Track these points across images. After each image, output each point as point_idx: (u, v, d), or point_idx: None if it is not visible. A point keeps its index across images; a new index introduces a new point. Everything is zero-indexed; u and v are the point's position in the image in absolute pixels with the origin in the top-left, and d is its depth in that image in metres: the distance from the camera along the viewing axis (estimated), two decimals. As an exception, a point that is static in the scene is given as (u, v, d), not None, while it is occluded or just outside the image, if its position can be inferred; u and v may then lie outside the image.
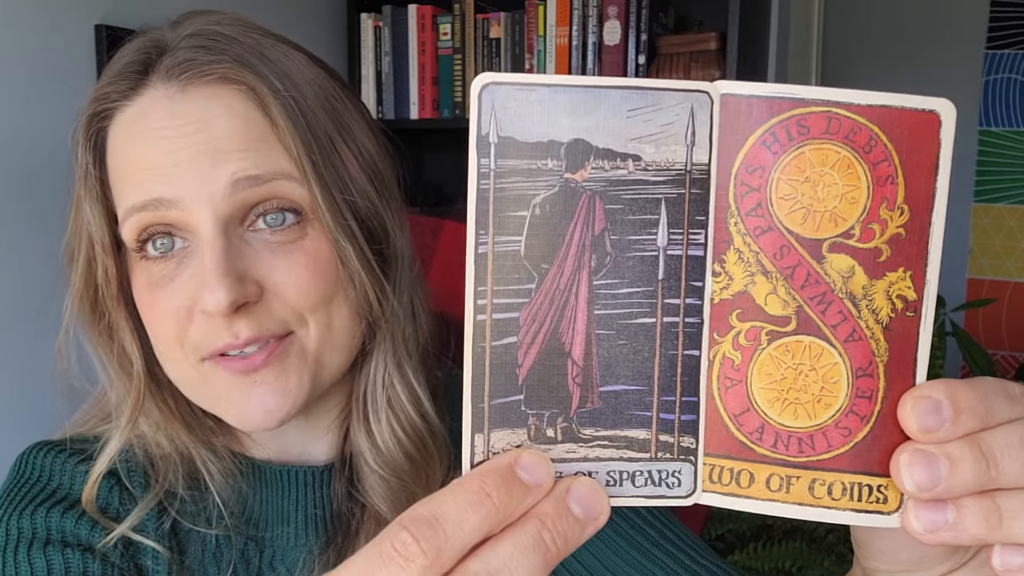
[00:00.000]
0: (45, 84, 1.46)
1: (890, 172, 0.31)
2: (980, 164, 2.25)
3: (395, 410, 0.58)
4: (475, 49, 2.00)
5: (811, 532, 1.45)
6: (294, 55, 0.55)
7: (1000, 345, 2.27)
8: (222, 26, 0.53)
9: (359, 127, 0.56)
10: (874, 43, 2.34)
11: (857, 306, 0.31)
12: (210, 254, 0.49)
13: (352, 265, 0.53)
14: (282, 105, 0.50)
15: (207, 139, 0.50)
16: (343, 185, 0.53)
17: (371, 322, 0.56)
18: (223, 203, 0.50)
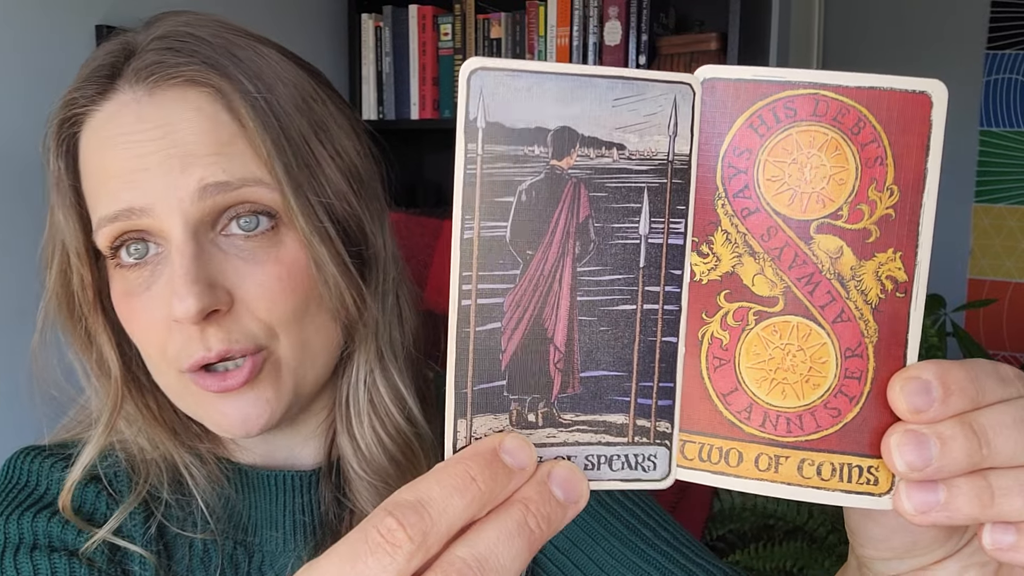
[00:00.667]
0: (45, 84, 1.46)
1: (879, 153, 0.31)
2: (981, 164, 2.25)
3: (378, 414, 0.57)
4: (476, 49, 2.01)
5: (812, 532, 1.45)
6: (268, 54, 0.53)
7: (1001, 346, 2.27)
8: (193, 27, 0.52)
9: (338, 127, 0.55)
10: (874, 43, 2.34)
11: (846, 287, 0.31)
12: (179, 260, 0.49)
13: (327, 269, 0.52)
14: (252, 106, 0.49)
15: (175, 143, 0.49)
16: (318, 187, 0.51)
17: (349, 326, 0.55)
18: (192, 208, 0.49)
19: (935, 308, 1.68)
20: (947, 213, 2.30)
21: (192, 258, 0.49)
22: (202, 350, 0.50)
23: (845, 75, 0.31)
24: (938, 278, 2.31)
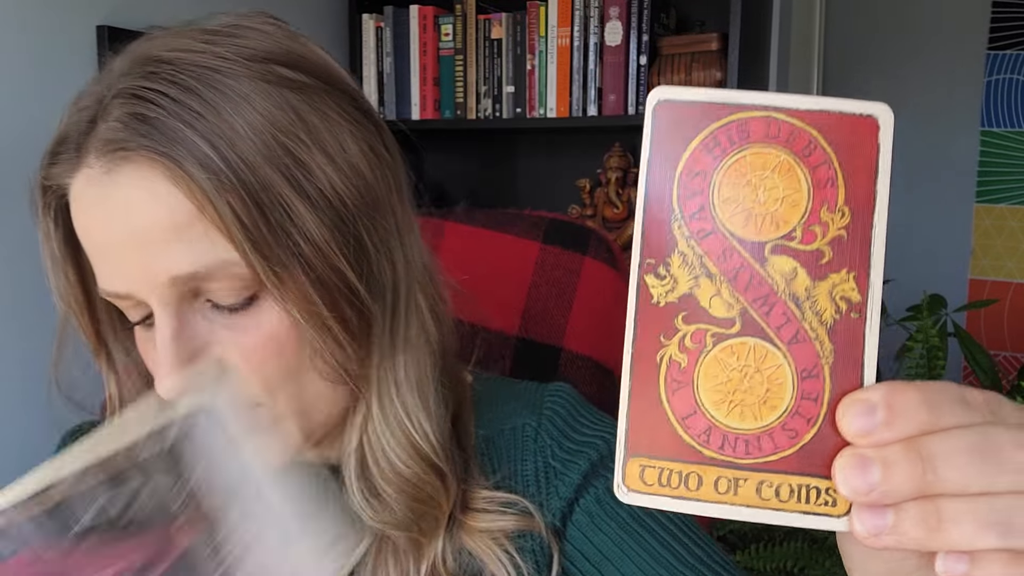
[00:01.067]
0: (47, 85, 1.46)
1: (830, 175, 0.31)
2: (982, 165, 2.25)
3: (388, 457, 0.54)
4: (476, 50, 2.01)
5: (813, 533, 1.44)
6: (241, 90, 0.47)
7: (1002, 346, 2.27)
8: (158, 75, 0.47)
9: (329, 150, 0.50)
10: (875, 43, 2.34)
11: (801, 308, 0.31)
12: (161, 342, 0.48)
13: (308, 338, 0.50)
14: (211, 183, 0.45)
15: (136, 231, 0.47)
16: (293, 246, 0.47)
17: (353, 375, 0.53)
18: (167, 293, 0.48)
19: (936, 308, 1.68)
20: (948, 213, 2.29)
21: (171, 339, 0.48)
22: None
23: (796, 97, 0.31)
24: (939, 278, 2.31)
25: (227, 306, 0.49)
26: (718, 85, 1.77)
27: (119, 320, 0.56)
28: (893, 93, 2.33)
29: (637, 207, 0.32)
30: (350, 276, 0.50)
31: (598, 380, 0.88)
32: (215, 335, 0.50)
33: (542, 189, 2.29)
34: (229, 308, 0.49)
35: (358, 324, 0.51)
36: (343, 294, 0.50)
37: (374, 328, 0.53)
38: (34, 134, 1.43)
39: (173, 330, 0.48)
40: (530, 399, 0.63)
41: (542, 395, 0.63)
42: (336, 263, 0.49)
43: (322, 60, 0.53)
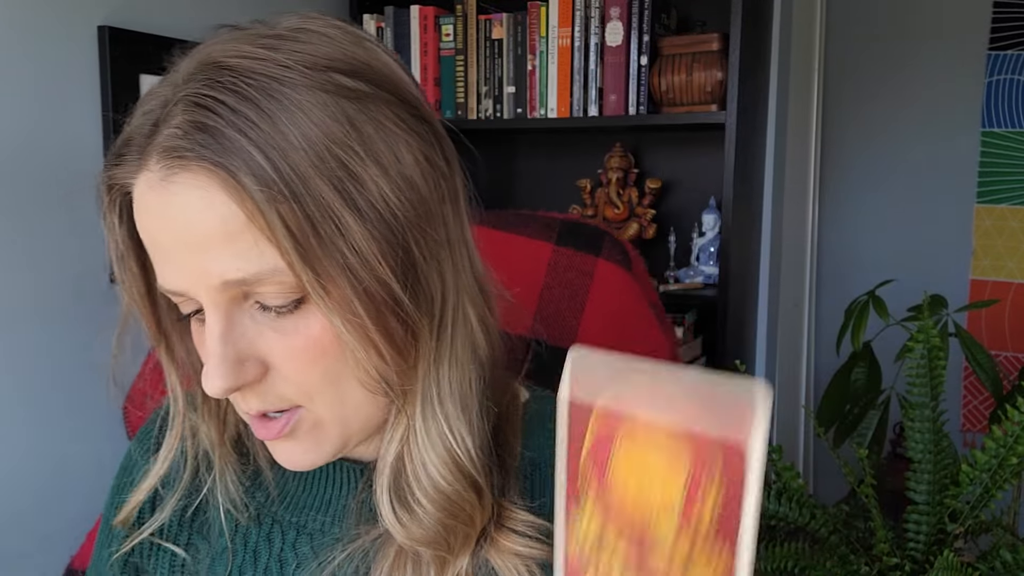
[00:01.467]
0: (48, 85, 1.46)
1: (702, 488, 0.33)
2: (983, 165, 2.24)
3: (417, 476, 0.54)
4: (477, 50, 2.01)
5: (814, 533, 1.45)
6: (299, 100, 0.48)
7: (1003, 346, 2.26)
8: (219, 82, 0.48)
9: (383, 162, 0.49)
10: (876, 44, 2.34)
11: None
12: (210, 340, 0.50)
13: (350, 347, 0.50)
14: (264, 194, 0.46)
15: (191, 236, 0.48)
16: (341, 262, 0.48)
17: (382, 391, 0.53)
18: (219, 295, 0.49)
19: (937, 309, 1.68)
20: (949, 214, 2.29)
21: (220, 338, 0.50)
22: (243, 406, 0.53)
23: (672, 415, 0.34)
24: (940, 279, 2.31)
25: (275, 307, 0.50)
26: (719, 85, 1.77)
27: (176, 312, 0.57)
28: (894, 93, 2.33)
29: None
30: (396, 289, 0.50)
31: None
32: (262, 336, 0.51)
33: (543, 189, 2.29)
34: (276, 310, 0.50)
35: (403, 336, 0.52)
36: (388, 306, 0.50)
37: (420, 341, 0.53)
38: (36, 134, 1.44)
39: (222, 330, 0.50)
40: None
41: None
42: (382, 276, 0.49)
43: (384, 66, 0.52)
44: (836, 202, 2.42)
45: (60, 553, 1.49)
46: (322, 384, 0.52)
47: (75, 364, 1.53)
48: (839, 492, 2.17)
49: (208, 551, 0.64)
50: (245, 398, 0.53)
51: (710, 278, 1.96)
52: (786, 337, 2.23)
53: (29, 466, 1.47)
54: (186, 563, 0.64)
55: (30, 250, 1.45)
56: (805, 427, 2.34)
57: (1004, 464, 1.25)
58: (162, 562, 0.65)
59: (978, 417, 2.33)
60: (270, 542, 0.62)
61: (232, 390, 0.50)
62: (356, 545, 0.58)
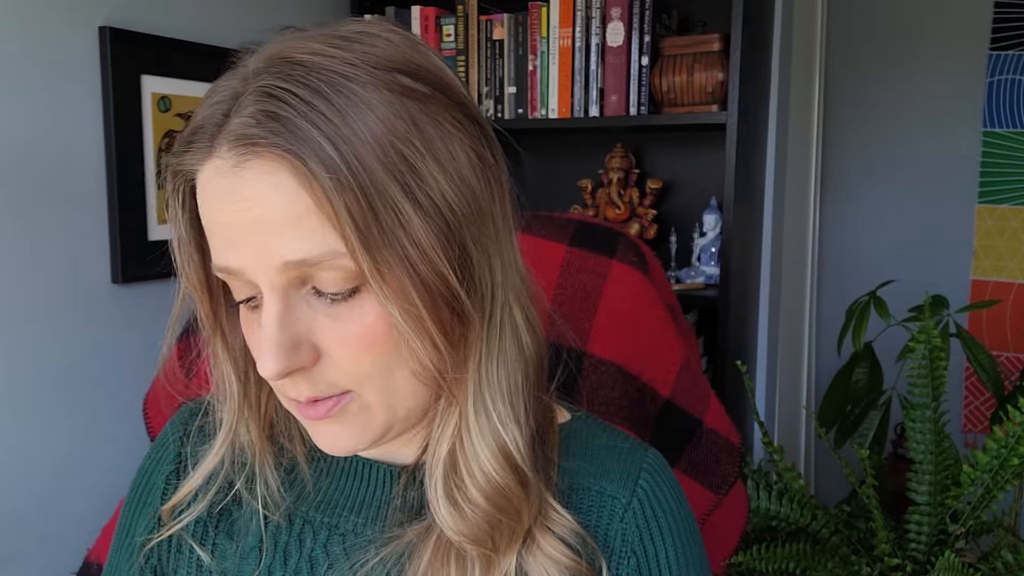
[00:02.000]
0: (50, 85, 1.46)
1: None
2: (984, 165, 2.24)
3: (469, 469, 0.56)
4: (478, 50, 2.01)
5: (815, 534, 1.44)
6: (366, 96, 0.50)
7: (1004, 346, 2.26)
8: (290, 74, 0.50)
9: (441, 159, 0.52)
10: (877, 44, 2.34)
11: None
12: (267, 322, 0.51)
13: (406, 336, 0.51)
14: (329, 178, 0.48)
15: (258, 218, 0.50)
16: (401, 249, 0.50)
17: (434, 381, 0.55)
18: (278, 277, 0.51)
19: (938, 309, 1.68)
20: (950, 214, 2.29)
21: (277, 320, 0.51)
22: (292, 392, 0.54)
23: None
24: (941, 279, 2.31)
25: (331, 294, 0.51)
26: (720, 85, 1.77)
27: (229, 299, 0.59)
28: (895, 93, 2.33)
29: None
30: (452, 281, 0.52)
31: (621, 385, 0.86)
32: (316, 322, 0.52)
33: (544, 190, 2.29)
34: (332, 297, 0.51)
35: (456, 329, 0.53)
36: (444, 298, 0.52)
37: (471, 334, 0.54)
38: (37, 134, 1.44)
39: (279, 312, 0.51)
40: (624, 465, 0.63)
41: (638, 466, 0.63)
42: (440, 268, 0.51)
43: (439, 70, 0.54)
44: (837, 202, 2.42)
45: (60, 553, 1.49)
46: (373, 372, 0.53)
47: (76, 364, 1.54)
48: (840, 493, 2.17)
49: (235, 550, 0.64)
50: (295, 383, 0.54)
51: (711, 278, 1.96)
52: (787, 337, 2.23)
53: (29, 466, 1.48)
54: (210, 564, 0.64)
55: (31, 250, 1.45)
56: (806, 428, 2.33)
57: (1005, 465, 1.24)
58: (183, 562, 0.65)
59: (979, 418, 2.32)
60: (301, 542, 0.63)
61: (286, 373, 0.51)
62: (389, 549, 0.59)
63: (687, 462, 0.93)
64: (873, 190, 2.38)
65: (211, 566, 0.64)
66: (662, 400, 0.90)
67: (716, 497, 0.93)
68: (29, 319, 1.46)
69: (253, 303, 0.54)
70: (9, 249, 1.42)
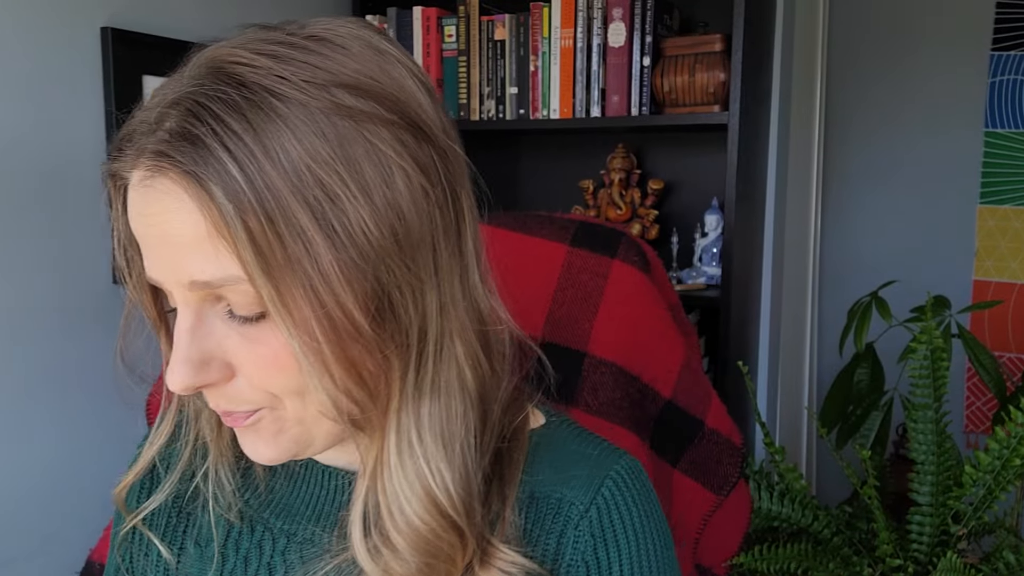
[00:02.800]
0: (51, 86, 1.46)
1: None
2: (986, 166, 2.24)
3: (390, 512, 0.53)
4: (480, 51, 2.01)
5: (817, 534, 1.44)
6: (289, 113, 0.47)
7: (1006, 347, 2.26)
8: (216, 88, 0.48)
9: (367, 187, 0.48)
10: (879, 44, 2.34)
11: None
12: (176, 336, 0.50)
13: (306, 369, 0.49)
14: (230, 206, 0.46)
15: (166, 235, 0.49)
16: (307, 282, 0.47)
17: (354, 419, 0.51)
18: (190, 294, 0.50)
19: (940, 309, 1.68)
20: (952, 214, 2.29)
21: (187, 335, 0.50)
22: (212, 404, 0.54)
23: None
24: (943, 279, 2.31)
25: (240, 316, 0.50)
26: (722, 86, 1.77)
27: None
28: (897, 93, 2.33)
29: None
30: (358, 317, 0.48)
31: (622, 386, 0.86)
32: (229, 339, 0.51)
33: (545, 190, 2.29)
34: (242, 317, 0.50)
35: (371, 368, 0.50)
36: (350, 334, 0.49)
37: (392, 372, 0.51)
38: (39, 135, 1.44)
39: (190, 326, 0.50)
40: (589, 472, 0.59)
41: (604, 473, 0.59)
42: (344, 301, 0.48)
43: (396, 86, 0.51)
44: (839, 203, 2.42)
45: (60, 554, 1.49)
46: (286, 392, 0.51)
47: (77, 364, 1.54)
48: (842, 493, 2.17)
49: (199, 555, 0.64)
50: (212, 397, 0.53)
51: (713, 279, 1.96)
52: (789, 338, 2.23)
53: (29, 467, 1.48)
54: (177, 566, 0.64)
55: (32, 251, 1.45)
56: (808, 428, 2.33)
57: (1007, 465, 1.24)
58: (151, 565, 0.65)
59: (981, 418, 2.32)
60: (261, 549, 0.62)
61: (193, 388, 0.50)
62: (342, 558, 0.56)
63: (688, 463, 0.92)
64: (874, 190, 2.38)
65: (175, 569, 0.64)
66: (663, 400, 0.90)
67: (717, 498, 0.93)
68: (30, 320, 1.46)
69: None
70: (10, 250, 1.42)
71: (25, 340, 1.45)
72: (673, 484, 0.93)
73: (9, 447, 1.44)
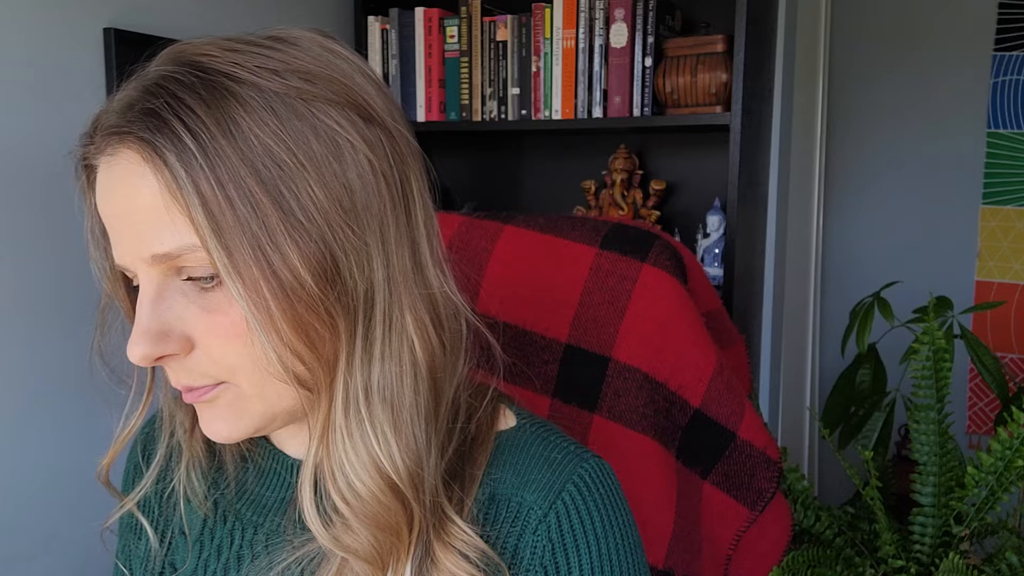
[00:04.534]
0: (54, 87, 1.46)
1: None
2: (988, 166, 2.24)
3: (335, 479, 0.54)
4: (482, 52, 2.01)
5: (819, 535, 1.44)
6: (242, 92, 0.50)
7: (1008, 348, 2.26)
8: (176, 72, 0.51)
9: (318, 162, 0.51)
10: (881, 45, 2.33)
11: None
12: (138, 308, 0.53)
13: (256, 334, 0.51)
14: (186, 174, 0.48)
15: (128, 211, 0.51)
16: (256, 246, 0.49)
17: (303, 380, 0.53)
18: (151, 268, 0.52)
19: (942, 310, 1.68)
20: (954, 215, 2.29)
21: (148, 307, 0.52)
22: (173, 379, 0.56)
23: None
24: (945, 280, 2.31)
25: (200, 279, 0.52)
26: (724, 86, 1.77)
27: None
28: (899, 94, 2.32)
29: None
30: (306, 278, 0.51)
31: (647, 392, 0.84)
32: (188, 311, 0.53)
33: (547, 191, 2.29)
34: (202, 285, 0.52)
35: (318, 330, 0.52)
36: (295, 292, 0.51)
37: (339, 336, 0.53)
38: (41, 135, 1.44)
39: (151, 299, 0.52)
40: (550, 476, 0.59)
41: (566, 478, 0.59)
42: (292, 263, 0.50)
43: (342, 74, 0.54)
44: (841, 203, 2.42)
45: (64, 554, 1.49)
46: (244, 362, 0.53)
47: (80, 364, 1.54)
48: (844, 494, 2.17)
49: (184, 544, 0.67)
50: (173, 371, 0.55)
51: (715, 280, 1.96)
52: (791, 339, 2.23)
53: (33, 467, 1.48)
54: (158, 551, 0.68)
55: (35, 251, 1.46)
56: (810, 429, 2.33)
57: (1010, 467, 1.24)
58: (141, 549, 0.69)
59: (984, 419, 2.32)
60: (231, 538, 0.65)
61: (153, 358, 0.52)
62: (304, 551, 0.58)
63: (720, 475, 0.90)
64: (877, 191, 2.38)
65: (159, 554, 0.68)
66: (692, 409, 0.87)
67: (752, 514, 0.90)
68: (32, 320, 1.46)
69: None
70: (11, 249, 1.42)
71: (26, 340, 1.45)
72: (703, 496, 0.91)
73: (10, 446, 1.44)
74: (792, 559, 1.34)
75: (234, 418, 0.56)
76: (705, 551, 0.90)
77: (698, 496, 0.90)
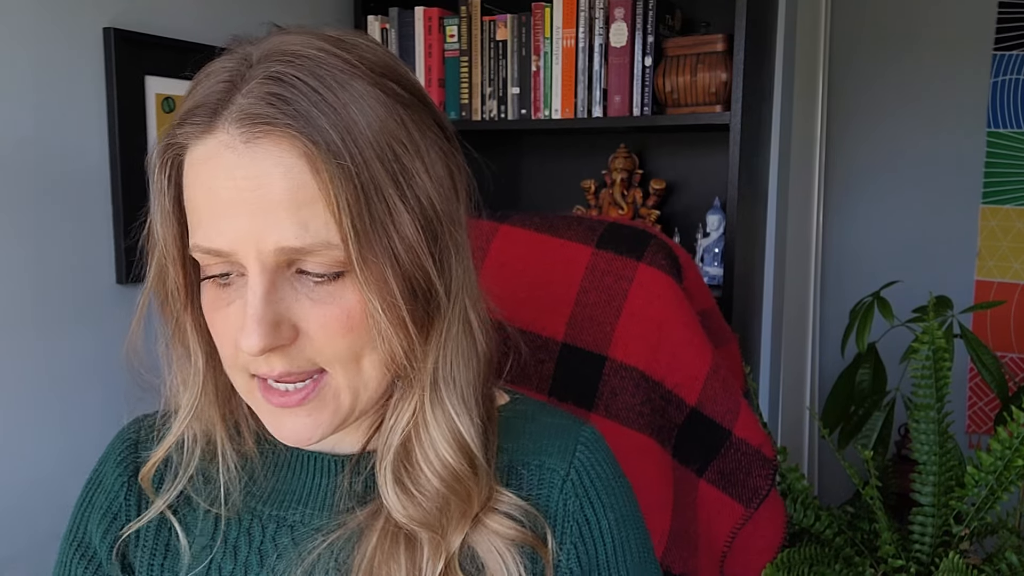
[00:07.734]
0: (54, 87, 1.46)
1: None
2: (988, 166, 2.24)
3: (425, 453, 0.58)
4: (482, 51, 2.01)
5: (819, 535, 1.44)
6: (362, 93, 0.53)
7: (1008, 347, 2.26)
8: (297, 64, 0.52)
9: (423, 164, 0.55)
10: (881, 44, 2.33)
11: None
12: (251, 299, 0.53)
13: (381, 323, 0.54)
14: (336, 167, 0.50)
15: (262, 199, 0.51)
16: (388, 241, 0.52)
17: (401, 367, 0.57)
18: (269, 259, 0.52)
19: (942, 310, 1.68)
20: (954, 215, 2.29)
21: (262, 298, 0.52)
22: (265, 368, 0.56)
23: None
24: (945, 279, 2.31)
25: (315, 275, 0.53)
26: (723, 86, 1.77)
27: (198, 273, 0.60)
28: (899, 93, 2.32)
29: None
30: (433, 275, 0.55)
31: (643, 391, 0.84)
32: (298, 303, 0.54)
33: (547, 190, 2.29)
34: (316, 279, 0.53)
35: (424, 322, 0.56)
36: (422, 291, 0.55)
37: (434, 329, 0.57)
38: (42, 135, 1.44)
39: (265, 291, 0.53)
40: (561, 440, 0.66)
41: (575, 440, 0.66)
42: (423, 262, 0.54)
43: (416, 83, 0.58)
44: (841, 203, 2.42)
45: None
46: (346, 354, 0.55)
47: (81, 364, 1.54)
48: (844, 494, 2.17)
49: (192, 545, 0.66)
50: (269, 360, 0.55)
51: (715, 279, 1.96)
52: (791, 338, 2.23)
53: (32, 467, 1.48)
54: (168, 553, 0.66)
55: (36, 251, 1.46)
56: (810, 428, 2.33)
57: (1010, 466, 1.24)
58: (145, 553, 0.67)
59: (983, 419, 2.32)
60: (250, 536, 0.65)
61: (268, 349, 0.53)
62: (337, 535, 0.61)
63: (716, 472, 0.90)
64: (877, 190, 2.38)
65: (170, 559, 0.66)
66: (688, 408, 0.87)
67: (747, 511, 0.91)
68: (33, 319, 1.46)
69: (224, 280, 0.56)
70: (14, 250, 1.42)
71: (28, 340, 1.45)
72: (699, 494, 0.91)
73: (12, 446, 1.44)
74: (790, 556, 1.34)
75: (326, 417, 0.57)
76: (701, 548, 0.90)
77: (694, 494, 0.90)
